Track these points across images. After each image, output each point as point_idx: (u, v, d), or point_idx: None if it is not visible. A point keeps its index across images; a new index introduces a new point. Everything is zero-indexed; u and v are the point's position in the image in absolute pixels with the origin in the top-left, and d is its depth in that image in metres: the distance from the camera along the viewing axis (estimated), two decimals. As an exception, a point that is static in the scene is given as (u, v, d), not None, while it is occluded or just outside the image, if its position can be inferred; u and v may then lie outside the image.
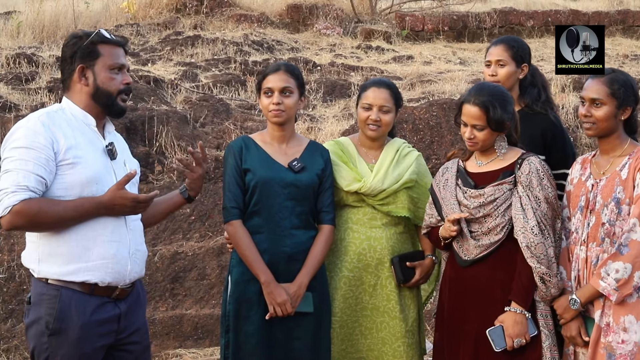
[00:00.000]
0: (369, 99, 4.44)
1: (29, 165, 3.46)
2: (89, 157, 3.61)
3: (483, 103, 4.05)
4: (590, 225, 3.96)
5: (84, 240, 3.58)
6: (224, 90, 9.85)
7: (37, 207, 3.44)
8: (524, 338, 3.99)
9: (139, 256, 3.78)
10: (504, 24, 14.13)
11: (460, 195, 4.15)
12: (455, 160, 4.33)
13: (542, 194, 4.01)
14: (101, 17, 13.17)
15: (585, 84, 4.05)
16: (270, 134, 4.42)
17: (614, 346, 3.83)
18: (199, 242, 7.27)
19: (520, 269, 4.01)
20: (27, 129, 3.53)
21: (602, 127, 3.97)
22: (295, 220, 4.28)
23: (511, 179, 4.08)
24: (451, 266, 4.26)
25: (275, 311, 4.18)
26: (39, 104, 8.18)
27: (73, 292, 3.56)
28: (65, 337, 3.53)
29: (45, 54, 10.25)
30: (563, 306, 3.98)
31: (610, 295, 3.81)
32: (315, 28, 13.68)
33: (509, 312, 4.01)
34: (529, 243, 3.95)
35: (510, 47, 4.71)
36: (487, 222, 4.07)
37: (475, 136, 4.10)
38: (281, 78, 4.32)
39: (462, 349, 4.13)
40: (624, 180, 3.88)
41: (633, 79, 4.05)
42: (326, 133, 8.55)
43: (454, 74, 10.83)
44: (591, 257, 3.94)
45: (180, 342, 6.64)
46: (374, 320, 4.44)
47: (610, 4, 15.33)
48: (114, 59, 3.73)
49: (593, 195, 3.98)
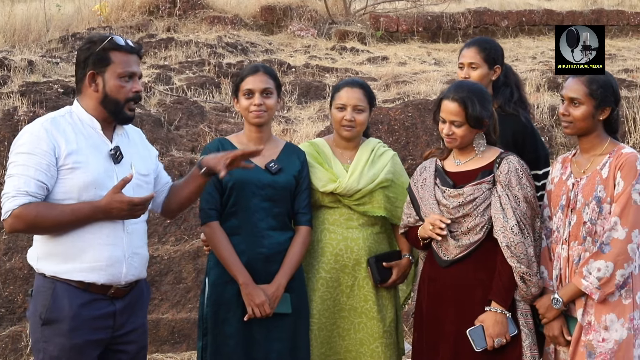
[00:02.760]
0: (343, 99, 4.45)
1: (30, 170, 3.57)
2: (89, 161, 3.68)
3: (462, 99, 4.06)
4: (571, 224, 3.97)
5: (80, 242, 3.66)
6: (198, 93, 9.81)
7: (35, 212, 3.55)
8: (504, 337, 3.99)
9: (136, 259, 3.81)
10: (478, 24, 14.17)
11: (439, 194, 4.15)
12: (433, 159, 4.32)
13: (521, 193, 4.01)
14: (73, 20, 13.07)
15: (566, 83, 4.06)
16: (247, 136, 4.43)
17: (594, 344, 3.85)
18: (174, 246, 7.23)
19: (500, 269, 4.01)
20: (31, 135, 3.64)
21: (579, 127, 3.98)
22: (272, 222, 4.30)
23: (490, 178, 4.08)
24: (430, 266, 4.25)
25: (254, 312, 4.19)
26: (11, 108, 8.10)
27: (68, 286, 3.65)
28: (57, 328, 3.63)
29: (17, 57, 10.16)
30: (545, 305, 3.99)
31: (593, 294, 3.83)
32: (289, 30, 13.66)
33: (489, 311, 4.02)
34: (509, 243, 3.95)
35: (482, 49, 4.72)
36: (467, 221, 4.07)
37: (454, 132, 4.09)
38: (261, 79, 4.36)
39: (442, 349, 4.12)
40: (604, 179, 3.90)
41: (614, 80, 4.06)
42: (301, 135, 8.54)
43: (428, 75, 10.84)
44: (573, 256, 3.95)
45: (157, 347, 6.62)
46: (351, 321, 4.44)
47: (584, 4, 15.40)
48: (125, 67, 3.74)
49: (574, 194, 3.99)
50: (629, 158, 3.88)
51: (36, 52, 10.98)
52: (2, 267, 6.85)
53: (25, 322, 6.41)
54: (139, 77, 3.83)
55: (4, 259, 6.92)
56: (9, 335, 6.46)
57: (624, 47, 13.28)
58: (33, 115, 7.68)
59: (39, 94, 8.50)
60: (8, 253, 6.96)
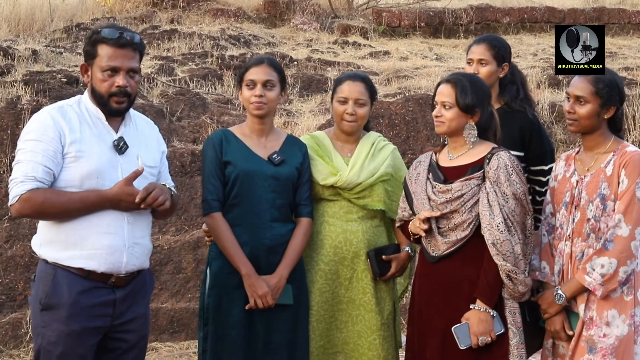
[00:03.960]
0: (345, 92, 4.46)
1: (38, 157, 3.63)
2: (92, 151, 3.71)
3: (455, 81, 4.09)
4: (575, 220, 3.99)
5: (81, 229, 3.69)
6: (201, 85, 9.83)
7: (42, 197, 3.60)
8: (489, 336, 3.97)
9: (137, 249, 3.82)
10: (480, 20, 14.17)
11: (430, 189, 4.14)
12: (429, 153, 4.31)
13: (510, 190, 3.97)
14: (77, 10, 13.08)
15: (572, 81, 4.08)
16: (250, 127, 4.43)
17: (595, 340, 3.88)
18: (174, 236, 7.27)
19: (486, 266, 3.99)
20: (38, 122, 3.70)
21: (583, 125, 4.00)
22: (275, 213, 4.31)
23: (480, 174, 4.04)
24: (421, 261, 4.26)
25: (256, 303, 4.20)
26: (15, 97, 8.13)
27: (68, 272, 3.69)
28: (55, 314, 3.66)
29: (21, 47, 10.17)
30: (548, 301, 4.02)
31: (596, 290, 3.85)
32: (292, 23, 13.65)
33: (474, 310, 4.00)
34: (494, 240, 3.92)
35: (492, 46, 4.76)
36: (454, 218, 4.05)
37: (443, 114, 4.09)
38: (264, 71, 4.35)
39: (430, 344, 4.13)
40: (609, 177, 3.92)
41: (620, 79, 4.09)
42: (302, 128, 8.56)
43: (430, 70, 10.85)
44: (576, 252, 3.98)
45: (156, 336, 6.66)
46: (349, 313, 4.45)
47: (585, 2, 15.39)
48: (107, 61, 3.73)
49: (578, 191, 4.01)
50: (633, 156, 3.90)
51: (40, 41, 10.99)
52: (4, 254, 6.89)
53: (26, 310, 6.46)
54: (133, 72, 3.79)
55: (5, 247, 6.95)
56: (9, 322, 6.50)
57: (624, 46, 13.29)
58: (36, 104, 7.72)
59: (43, 83, 8.52)
60: (9, 241, 6.99)
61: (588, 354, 3.88)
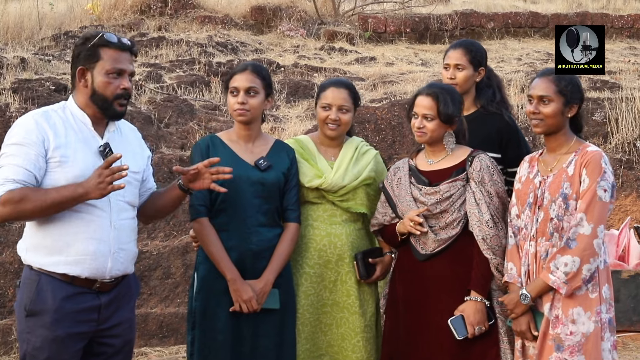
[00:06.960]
0: (328, 98, 4.51)
1: (18, 160, 3.61)
2: (77, 156, 3.70)
3: (435, 94, 4.24)
4: (538, 220, 4.05)
5: (66, 235, 3.68)
6: (188, 91, 9.86)
7: (19, 195, 3.57)
8: (483, 325, 4.14)
9: (122, 255, 3.81)
10: (465, 25, 14.24)
11: (416, 192, 4.30)
12: (406, 159, 4.48)
13: (493, 188, 4.21)
14: (66, 18, 13.07)
15: (533, 83, 4.16)
16: (237, 133, 4.45)
17: (562, 337, 3.93)
18: (163, 242, 7.30)
19: (477, 260, 4.18)
20: (21, 126, 3.69)
21: (549, 124, 4.07)
22: (262, 218, 4.32)
23: (463, 175, 4.24)
24: (407, 260, 4.37)
25: (241, 308, 4.22)
26: (3, 104, 8.18)
27: (52, 278, 3.68)
28: (40, 320, 3.67)
29: (9, 55, 10.20)
30: (514, 301, 4.07)
31: (560, 288, 3.91)
32: (279, 30, 13.68)
33: (470, 301, 4.17)
34: (484, 236, 4.14)
35: (468, 51, 4.80)
36: (445, 217, 4.23)
37: (425, 126, 4.26)
38: (247, 78, 4.36)
39: (422, 339, 4.26)
40: (570, 177, 3.99)
41: (578, 78, 4.18)
42: (289, 133, 8.59)
43: (415, 75, 10.91)
44: (540, 251, 4.04)
45: (146, 341, 6.69)
46: (333, 316, 4.49)
47: (569, 7, 15.46)
48: (113, 63, 3.75)
49: (541, 191, 4.07)
50: (594, 156, 3.98)
51: (29, 49, 11.00)
52: (-7, 261, 6.91)
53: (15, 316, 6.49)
54: (130, 75, 3.83)
55: (-5, 253, 6.98)
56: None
57: (607, 50, 13.31)
58: (25, 112, 7.62)
59: (31, 91, 8.56)
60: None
61: (556, 352, 3.94)
